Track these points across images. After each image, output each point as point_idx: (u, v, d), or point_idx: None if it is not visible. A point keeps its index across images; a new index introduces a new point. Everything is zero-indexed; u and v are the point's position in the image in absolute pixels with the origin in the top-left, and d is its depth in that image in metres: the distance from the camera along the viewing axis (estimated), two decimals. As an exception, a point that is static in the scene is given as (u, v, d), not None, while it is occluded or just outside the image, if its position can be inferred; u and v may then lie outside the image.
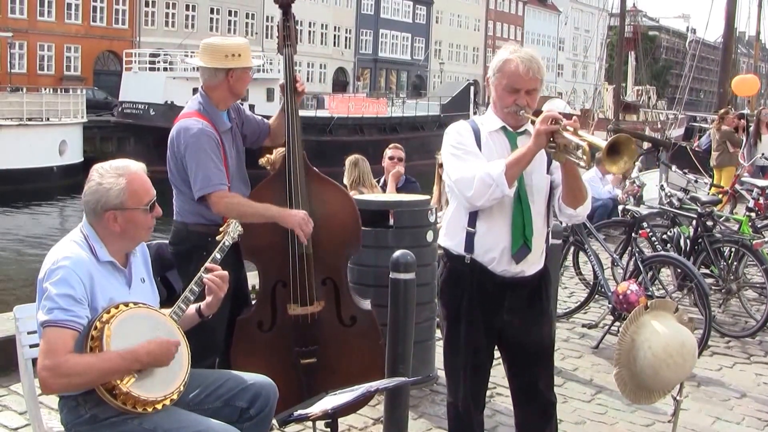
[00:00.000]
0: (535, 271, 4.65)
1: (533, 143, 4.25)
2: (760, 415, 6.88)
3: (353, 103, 55.60)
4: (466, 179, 4.40)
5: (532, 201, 4.52)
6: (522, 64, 4.38)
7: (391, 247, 6.36)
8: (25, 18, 59.72)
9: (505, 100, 4.48)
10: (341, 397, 4.21)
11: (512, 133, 4.54)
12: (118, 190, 4.01)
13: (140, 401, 3.86)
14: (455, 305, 4.70)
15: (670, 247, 10.04)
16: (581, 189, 4.49)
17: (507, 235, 4.51)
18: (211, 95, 5.53)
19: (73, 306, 3.80)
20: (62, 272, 3.85)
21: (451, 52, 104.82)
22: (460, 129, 4.61)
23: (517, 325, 4.66)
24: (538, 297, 4.72)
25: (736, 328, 9.36)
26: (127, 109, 46.86)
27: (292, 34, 5.73)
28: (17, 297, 18.25)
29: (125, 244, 4.16)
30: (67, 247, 4.01)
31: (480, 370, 4.79)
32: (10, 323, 6.47)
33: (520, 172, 4.39)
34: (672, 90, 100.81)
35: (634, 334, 4.77)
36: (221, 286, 4.35)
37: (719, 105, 27.88)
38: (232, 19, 75.33)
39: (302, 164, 5.53)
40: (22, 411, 5.93)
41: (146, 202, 4.09)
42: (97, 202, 4.02)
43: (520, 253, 4.52)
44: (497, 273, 4.55)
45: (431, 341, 7.14)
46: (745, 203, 14.09)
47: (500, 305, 4.61)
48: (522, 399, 4.86)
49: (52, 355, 3.71)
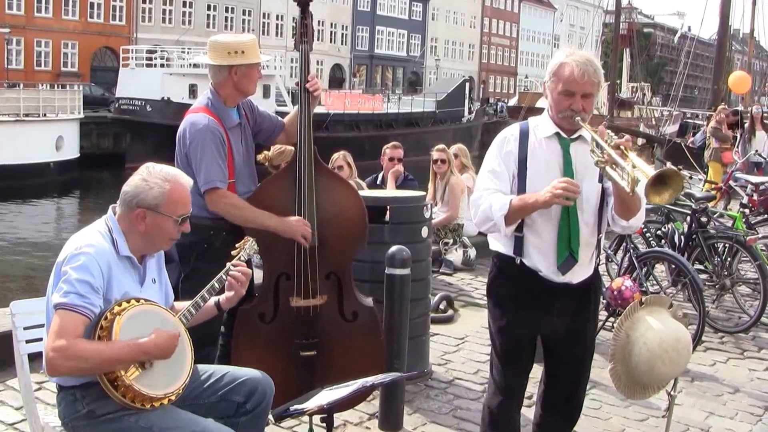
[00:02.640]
0: (583, 278, 4.60)
1: (542, 200, 4.23)
2: (753, 410, 6.91)
3: (349, 99, 55.53)
4: (477, 204, 4.45)
5: (580, 210, 4.46)
6: (577, 68, 4.31)
7: (386, 242, 6.39)
8: (22, 14, 59.77)
9: (561, 105, 4.41)
10: (337, 393, 4.23)
11: (566, 139, 4.47)
12: (159, 192, 4.08)
13: (140, 396, 3.89)
14: (502, 304, 4.69)
15: (665, 243, 10.06)
16: (634, 200, 4.33)
17: (553, 245, 4.47)
18: (219, 92, 5.58)
19: (89, 293, 3.84)
20: (84, 259, 3.89)
21: (447, 48, 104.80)
22: (508, 137, 4.58)
23: (564, 331, 4.65)
24: (586, 303, 4.69)
25: (729, 323, 9.39)
26: (124, 105, 46.74)
27: (309, 31, 5.75)
28: (13, 293, 18.23)
29: (145, 245, 4.20)
30: (91, 235, 4.06)
31: (520, 369, 4.79)
32: (6, 319, 6.46)
33: (522, 216, 4.39)
34: (666, 87, 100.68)
35: (629, 330, 4.80)
36: (244, 283, 4.43)
37: (713, 102, 27.95)
38: (228, 16, 75.32)
39: (312, 159, 5.57)
40: (18, 406, 5.94)
41: (179, 214, 4.15)
42: (135, 196, 4.08)
43: (566, 265, 4.47)
44: (545, 279, 4.52)
45: (425, 337, 7.17)
46: (738, 199, 14.14)
47: (549, 309, 4.58)
48: (552, 403, 4.87)
49: (62, 337, 3.74)
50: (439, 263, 11.25)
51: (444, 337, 8.43)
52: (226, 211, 5.41)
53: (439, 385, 7.08)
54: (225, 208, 5.40)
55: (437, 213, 11.43)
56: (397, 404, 6.11)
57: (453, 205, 11.71)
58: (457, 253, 11.70)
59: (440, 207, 11.74)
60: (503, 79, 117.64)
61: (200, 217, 5.45)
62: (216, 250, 5.20)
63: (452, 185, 11.71)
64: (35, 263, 23.20)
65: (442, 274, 11.24)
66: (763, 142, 19.58)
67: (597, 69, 4.38)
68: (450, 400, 6.77)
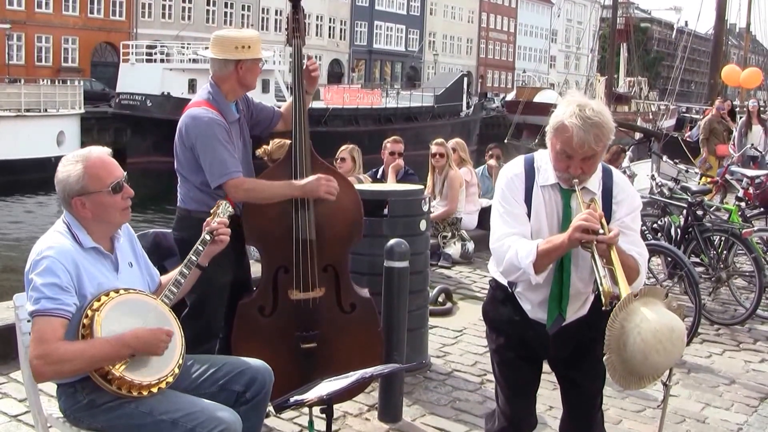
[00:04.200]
0: (577, 317, 4.41)
1: (566, 242, 3.96)
2: (749, 401, 6.96)
3: (348, 94, 55.50)
4: (500, 252, 4.18)
5: (575, 266, 4.25)
6: (576, 137, 3.96)
7: (385, 235, 6.44)
8: (23, 9, 59.72)
9: (558, 164, 4.14)
10: (337, 384, 4.26)
11: (567, 190, 4.20)
12: (76, 176, 4.06)
13: (134, 385, 3.93)
14: (498, 328, 4.55)
15: (661, 235, 10.10)
16: (630, 266, 4.08)
17: (544, 302, 4.30)
18: (221, 86, 5.58)
19: (59, 294, 3.85)
20: (46, 262, 3.89)
21: (445, 43, 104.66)
22: (513, 178, 4.28)
23: (566, 360, 4.51)
24: (587, 330, 4.40)
25: (725, 315, 9.44)
26: (125, 101, 46.77)
27: (301, 26, 5.77)
28: (16, 286, 18.27)
29: (104, 228, 4.19)
30: (50, 237, 4.06)
31: (524, 394, 4.61)
32: (9, 312, 6.55)
33: (551, 262, 4.12)
34: (663, 81, 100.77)
35: (624, 321, 4.81)
36: (227, 240, 4.54)
37: (710, 96, 28.00)
38: (228, 11, 75.28)
39: (308, 153, 5.60)
40: (21, 398, 5.98)
41: (109, 183, 4.10)
42: (63, 191, 4.10)
43: (555, 325, 4.29)
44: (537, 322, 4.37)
45: (424, 329, 7.21)
46: (734, 193, 14.17)
47: (544, 340, 4.39)
48: (570, 428, 4.69)
49: (43, 344, 3.77)
50: (437, 256, 11.30)
51: (442, 330, 8.48)
52: (248, 196, 5.43)
53: (437, 376, 7.13)
54: (246, 194, 5.43)
55: (436, 207, 11.48)
56: (396, 395, 6.15)
57: (451, 199, 11.76)
58: (455, 246, 11.74)
59: (439, 201, 11.79)
60: (501, 73, 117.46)
61: (198, 211, 5.48)
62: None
63: (451, 179, 11.76)
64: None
65: (440, 267, 11.29)
66: (759, 136, 19.63)
67: (602, 133, 4.00)
68: (449, 391, 6.81)
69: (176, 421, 3.99)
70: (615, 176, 4.35)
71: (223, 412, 4.07)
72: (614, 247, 3.95)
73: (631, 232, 4.26)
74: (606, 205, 4.21)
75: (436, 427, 6.12)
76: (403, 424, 6.11)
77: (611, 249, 3.94)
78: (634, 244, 4.23)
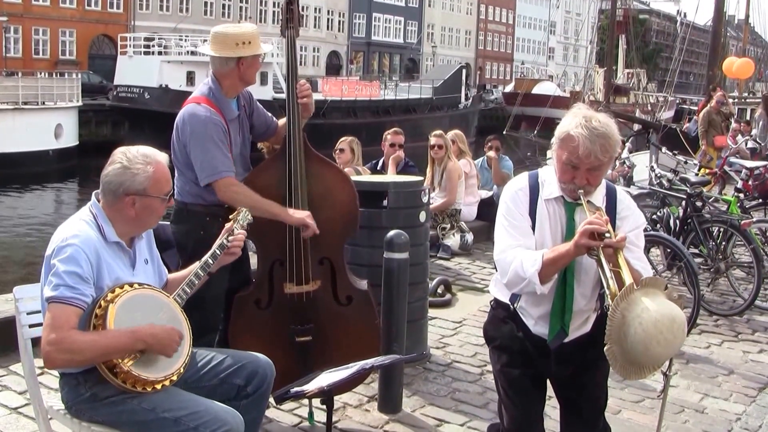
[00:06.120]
0: (580, 334, 4.38)
1: (573, 249, 3.94)
2: (747, 391, 6.99)
3: (346, 86, 55.52)
4: (505, 263, 4.15)
5: (578, 282, 4.23)
6: (582, 147, 3.96)
7: (384, 227, 6.43)
8: (20, 2, 59.68)
9: (564, 175, 4.13)
10: (337, 375, 4.27)
11: (571, 203, 4.20)
12: (144, 177, 4.09)
13: (140, 380, 3.92)
14: (500, 347, 4.49)
15: (660, 227, 10.10)
16: (636, 280, 3.99)
17: (546, 317, 4.28)
18: (222, 82, 5.57)
19: (79, 284, 3.86)
20: (71, 250, 3.90)
21: (444, 35, 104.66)
22: (517, 192, 4.28)
23: (568, 377, 4.44)
24: (591, 348, 4.31)
25: (724, 306, 9.46)
26: (122, 93, 46.76)
27: (295, 17, 5.75)
28: (16, 278, 18.29)
29: (134, 228, 4.24)
30: (76, 225, 4.06)
31: (529, 413, 4.49)
32: (9, 304, 6.54)
33: (556, 271, 4.09)
34: (662, 73, 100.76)
35: (625, 311, 4.82)
36: (238, 249, 4.58)
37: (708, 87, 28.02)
38: (226, 3, 75.18)
39: (302, 145, 5.58)
40: (21, 390, 5.98)
41: (166, 192, 4.19)
42: (120, 185, 4.09)
43: (556, 340, 4.27)
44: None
45: (424, 320, 7.22)
46: (733, 184, 14.18)
47: (546, 356, 4.36)
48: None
49: (56, 331, 3.76)
50: (436, 248, 11.31)
51: (442, 321, 8.50)
52: (234, 198, 5.37)
53: (437, 367, 7.14)
54: (234, 195, 5.39)
55: (435, 198, 11.48)
56: (396, 387, 6.16)
57: (450, 191, 11.77)
58: (454, 237, 11.76)
59: (438, 192, 11.79)
60: (500, 65, 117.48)
61: (195, 204, 5.50)
62: (213, 237, 5.23)
63: (449, 170, 11.76)
64: (36, 250, 23.24)
65: (439, 258, 11.31)
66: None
67: (608, 144, 3.99)
68: (448, 382, 6.83)
69: (179, 419, 3.99)
70: (619, 194, 4.36)
71: (227, 413, 4.09)
72: (621, 252, 3.93)
73: (636, 249, 4.24)
74: (610, 221, 4.14)
75: (435, 417, 6.13)
76: (403, 415, 6.11)
77: (618, 254, 3.91)
78: (638, 260, 4.21)
